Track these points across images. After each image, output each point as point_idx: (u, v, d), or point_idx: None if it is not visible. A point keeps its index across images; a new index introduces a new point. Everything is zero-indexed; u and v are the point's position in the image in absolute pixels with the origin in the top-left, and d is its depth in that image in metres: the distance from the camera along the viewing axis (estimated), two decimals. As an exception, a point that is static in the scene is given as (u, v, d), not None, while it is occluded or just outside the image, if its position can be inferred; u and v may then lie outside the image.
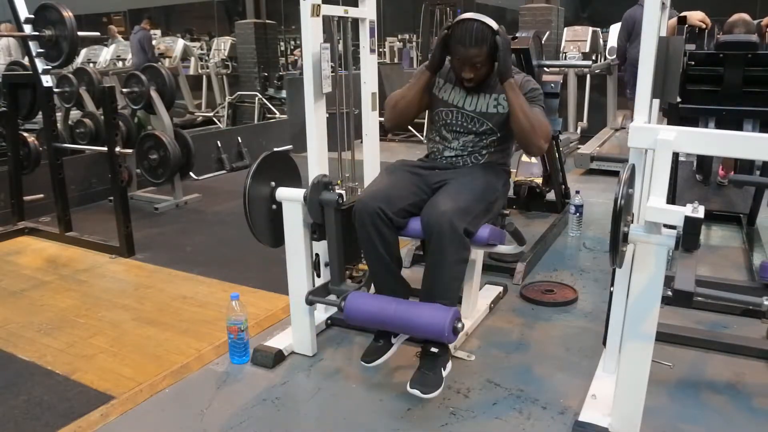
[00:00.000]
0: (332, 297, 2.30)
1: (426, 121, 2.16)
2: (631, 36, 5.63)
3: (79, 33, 3.60)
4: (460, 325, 1.97)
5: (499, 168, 2.36)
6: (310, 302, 2.24)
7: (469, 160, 2.32)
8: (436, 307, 1.98)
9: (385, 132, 2.73)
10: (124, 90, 4.72)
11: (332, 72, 2.39)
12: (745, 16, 3.38)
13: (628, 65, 5.75)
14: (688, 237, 1.50)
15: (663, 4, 1.91)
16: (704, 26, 3.26)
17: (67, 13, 3.55)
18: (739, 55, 2.76)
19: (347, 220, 2.19)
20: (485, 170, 2.28)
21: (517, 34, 3.32)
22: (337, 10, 2.40)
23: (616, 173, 1.76)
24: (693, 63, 2.81)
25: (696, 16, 3.26)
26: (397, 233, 2.15)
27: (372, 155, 2.68)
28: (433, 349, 2.05)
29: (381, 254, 2.11)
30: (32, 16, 3.64)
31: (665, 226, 1.59)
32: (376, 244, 2.09)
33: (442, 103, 2.35)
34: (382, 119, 2.45)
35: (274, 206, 2.28)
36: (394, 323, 2.02)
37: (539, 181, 4.08)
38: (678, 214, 1.51)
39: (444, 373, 2.03)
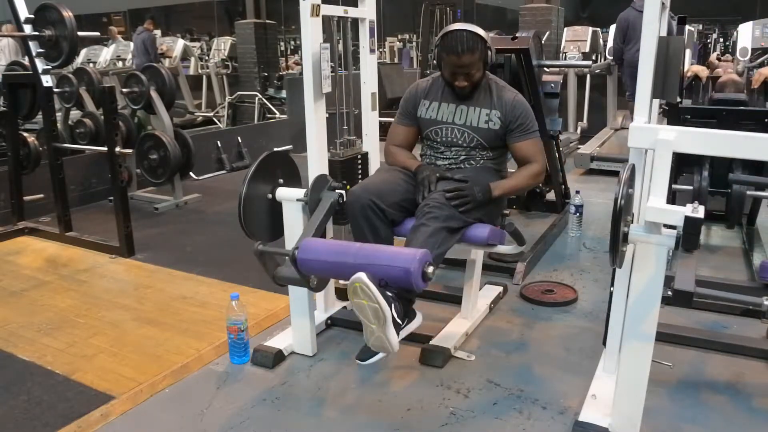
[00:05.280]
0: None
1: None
2: (625, 38, 5.66)
3: (79, 33, 3.61)
4: (431, 269, 1.76)
5: (495, 172, 2.36)
6: (259, 253, 2.05)
7: (463, 166, 2.33)
8: (404, 248, 1.86)
9: (385, 132, 2.75)
10: (124, 90, 4.71)
11: (332, 72, 2.39)
12: (734, 76, 3.91)
13: (626, 67, 5.78)
14: (688, 237, 1.50)
15: (663, 4, 1.91)
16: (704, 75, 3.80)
17: (67, 13, 3.55)
18: (731, 111, 3.12)
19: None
20: (481, 171, 2.29)
21: (517, 34, 3.32)
22: (336, 10, 2.40)
23: (616, 173, 1.76)
24: (689, 117, 3.15)
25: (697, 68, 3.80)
26: (391, 228, 2.15)
27: (372, 155, 2.68)
28: (388, 293, 1.81)
29: None
30: (32, 16, 3.64)
31: (665, 226, 1.58)
32: (367, 236, 2.10)
33: (431, 122, 2.36)
34: (382, 119, 2.45)
35: (270, 196, 2.24)
36: (356, 264, 1.80)
37: (539, 180, 4.08)
38: (678, 214, 1.51)
39: (402, 327, 1.85)
